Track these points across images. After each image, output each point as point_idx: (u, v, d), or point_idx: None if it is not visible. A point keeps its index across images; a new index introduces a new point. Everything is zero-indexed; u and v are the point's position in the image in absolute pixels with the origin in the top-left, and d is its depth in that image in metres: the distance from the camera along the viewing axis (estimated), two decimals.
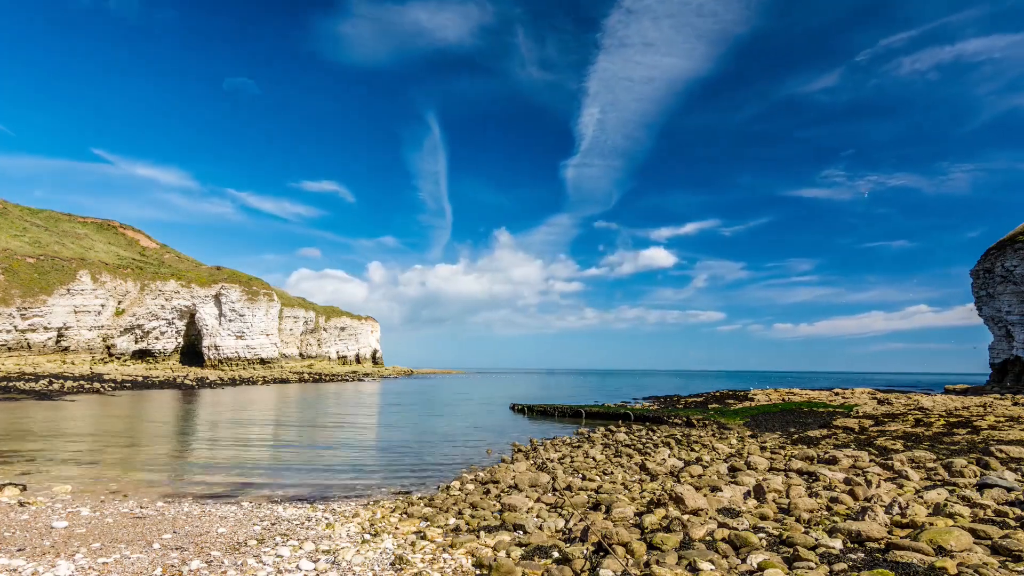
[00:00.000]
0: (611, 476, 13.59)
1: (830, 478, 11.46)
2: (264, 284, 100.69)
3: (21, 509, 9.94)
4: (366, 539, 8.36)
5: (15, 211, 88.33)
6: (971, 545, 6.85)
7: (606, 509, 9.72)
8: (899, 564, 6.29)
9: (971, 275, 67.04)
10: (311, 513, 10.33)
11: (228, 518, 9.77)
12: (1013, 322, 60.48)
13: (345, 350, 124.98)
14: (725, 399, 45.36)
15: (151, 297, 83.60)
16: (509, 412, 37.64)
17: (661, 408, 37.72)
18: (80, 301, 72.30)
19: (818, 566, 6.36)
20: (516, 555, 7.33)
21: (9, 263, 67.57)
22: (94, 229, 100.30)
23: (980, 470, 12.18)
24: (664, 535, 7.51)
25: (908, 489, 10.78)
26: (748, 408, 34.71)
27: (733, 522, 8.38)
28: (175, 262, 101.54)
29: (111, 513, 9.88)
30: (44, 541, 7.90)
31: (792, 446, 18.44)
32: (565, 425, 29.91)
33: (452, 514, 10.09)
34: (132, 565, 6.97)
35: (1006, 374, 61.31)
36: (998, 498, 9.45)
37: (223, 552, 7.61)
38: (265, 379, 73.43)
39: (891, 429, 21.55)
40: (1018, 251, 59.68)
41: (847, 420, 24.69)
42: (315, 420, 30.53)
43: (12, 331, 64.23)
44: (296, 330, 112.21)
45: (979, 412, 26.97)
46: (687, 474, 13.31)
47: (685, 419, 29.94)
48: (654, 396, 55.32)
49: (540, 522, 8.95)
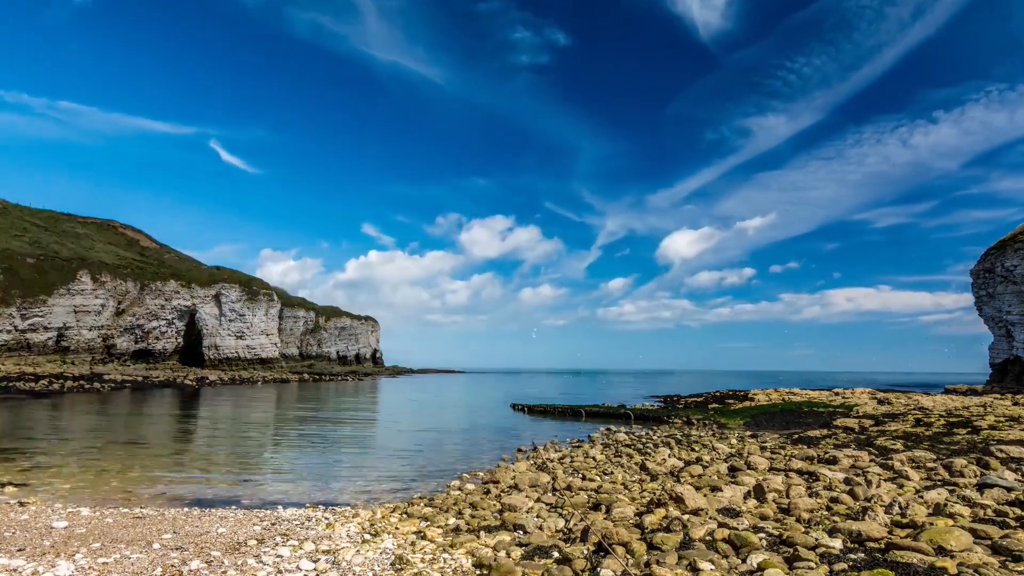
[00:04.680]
0: (611, 476, 13.58)
1: (830, 478, 11.46)
2: (264, 284, 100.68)
3: (21, 509, 9.93)
4: (366, 539, 8.36)
5: (15, 211, 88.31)
6: (971, 545, 6.84)
7: (606, 509, 9.71)
8: (899, 564, 6.28)
9: (971, 275, 67.03)
10: (311, 513, 10.33)
11: (228, 518, 9.76)
12: (1013, 322, 60.49)
13: (345, 350, 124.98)
14: (725, 399, 45.36)
15: (151, 297, 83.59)
16: (509, 411, 37.66)
17: (661, 408, 37.74)
18: (80, 301, 72.29)
19: (818, 566, 6.36)
20: (516, 555, 7.32)
21: (9, 263, 67.55)
22: (94, 229, 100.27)
23: (980, 470, 12.18)
24: (664, 535, 7.51)
25: (908, 489, 10.77)
26: (748, 408, 34.69)
27: (733, 522, 8.38)
28: (175, 262, 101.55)
29: (111, 513, 9.88)
30: (44, 541, 7.90)
31: (792, 446, 18.44)
32: (565, 424, 29.92)
33: (452, 514, 10.08)
34: (132, 565, 6.96)
35: (1006, 374, 61.29)
36: (998, 498, 9.44)
37: (223, 552, 7.61)
38: (265, 379, 73.40)
39: (891, 429, 21.55)
40: (1018, 251, 59.68)
41: (847, 420, 24.68)
42: (315, 420, 30.53)
43: (12, 331, 64.21)
44: (296, 330, 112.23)
45: (979, 412, 26.96)
46: (687, 474, 13.30)
47: (685, 419, 29.94)
48: (655, 396, 55.36)
49: (540, 522, 8.94)
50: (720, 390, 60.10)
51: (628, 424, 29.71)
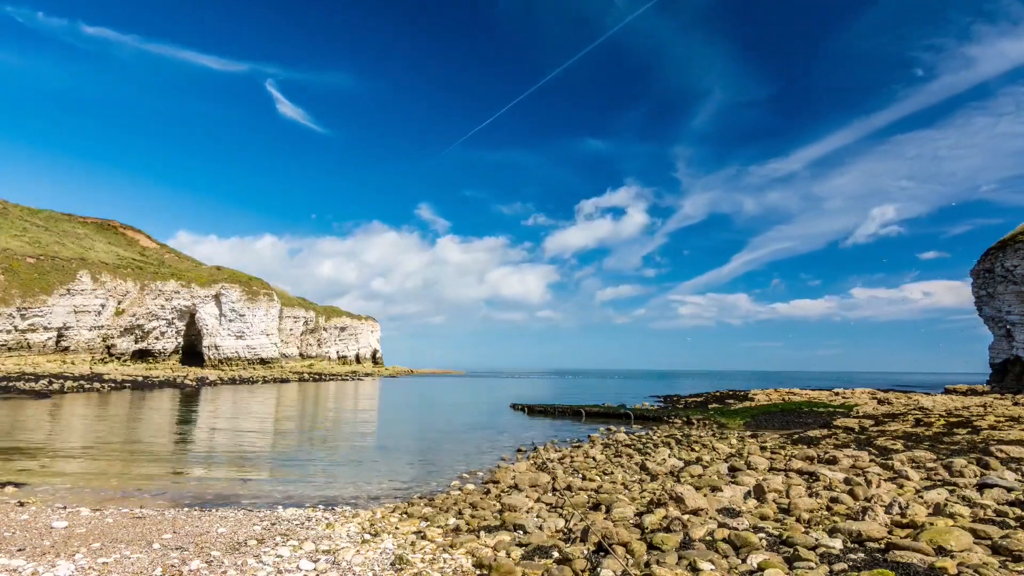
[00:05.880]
0: (611, 476, 13.58)
1: (830, 478, 11.45)
2: (264, 284, 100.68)
3: (21, 509, 9.93)
4: (366, 539, 8.36)
5: (15, 211, 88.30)
6: (971, 545, 6.84)
7: (606, 509, 9.71)
8: (899, 564, 6.28)
9: (971, 275, 67.02)
10: (311, 513, 10.33)
11: (228, 518, 9.76)
12: (1013, 322, 60.48)
13: (345, 350, 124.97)
14: (725, 399, 45.37)
15: (151, 297, 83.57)
16: (509, 411, 37.65)
17: (661, 408, 37.75)
18: (80, 301, 72.27)
19: (818, 566, 6.35)
20: (516, 555, 7.32)
21: (9, 263, 67.56)
22: (94, 229, 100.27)
23: (980, 470, 12.17)
24: (664, 535, 7.51)
25: (908, 489, 10.77)
26: (748, 408, 34.69)
27: (733, 522, 8.37)
28: (175, 262, 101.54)
29: (111, 513, 9.87)
30: (44, 541, 7.90)
31: (792, 446, 18.43)
32: (565, 424, 29.91)
33: (452, 514, 10.08)
34: (132, 565, 6.96)
35: (1006, 374, 61.28)
36: (998, 498, 9.44)
37: (223, 552, 7.61)
38: (265, 379, 73.39)
39: (891, 429, 21.54)
40: (1018, 251, 59.66)
41: (847, 420, 24.69)
42: (315, 420, 30.53)
43: (12, 331, 64.21)
44: (296, 330, 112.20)
45: (979, 412, 26.96)
46: (687, 474, 13.30)
47: (685, 419, 29.94)
48: (655, 395, 55.35)
49: (540, 522, 8.93)
50: (720, 390, 60.12)
51: (628, 424, 29.71)
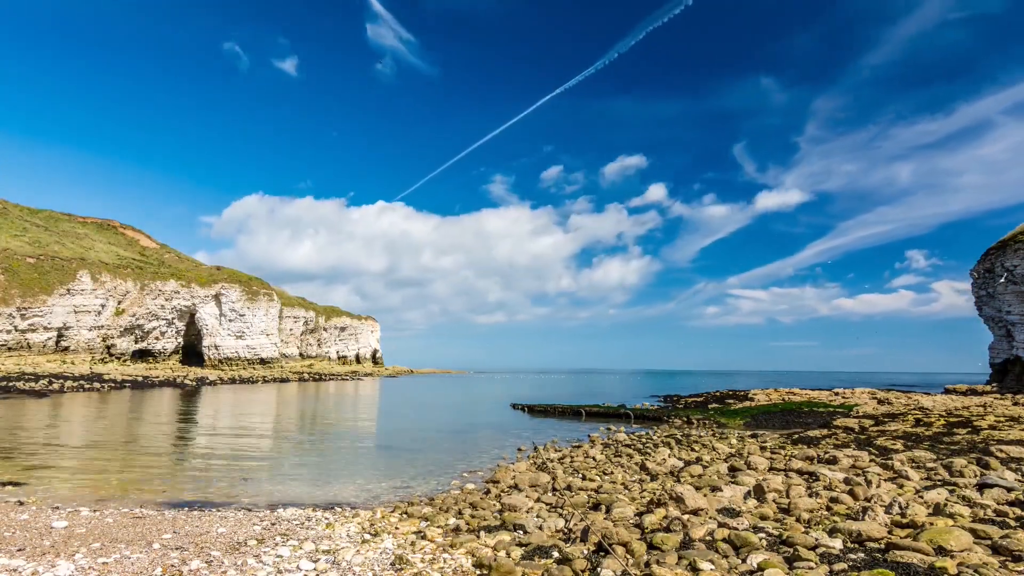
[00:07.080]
0: (611, 476, 13.58)
1: (830, 478, 11.45)
2: (264, 284, 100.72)
3: (21, 509, 9.93)
4: (366, 539, 8.36)
5: (15, 211, 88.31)
6: (971, 545, 6.84)
7: (606, 509, 9.71)
8: (899, 564, 6.28)
9: (971, 275, 66.99)
10: (311, 513, 10.33)
11: (228, 518, 9.76)
12: (1013, 322, 60.44)
13: (345, 350, 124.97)
14: (725, 399, 45.36)
15: (151, 297, 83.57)
16: (509, 411, 37.65)
17: (661, 408, 37.75)
18: (80, 301, 72.27)
19: (818, 566, 6.35)
20: (516, 555, 7.32)
21: (9, 263, 67.56)
22: (94, 229, 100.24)
23: (980, 470, 12.17)
24: (664, 535, 7.51)
25: (908, 489, 10.77)
26: (748, 408, 34.69)
27: (733, 522, 8.37)
28: (175, 262, 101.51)
29: (111, 513, 9.88)
30: (44, 541, 7.90)
31: (792, 446, 18.43)
32: (565, 424, 29.91)
33: (452, 514, 10.08)
34: (132, 565, 6.96)
35: (1006, 374, 61.25)
36: (998, 498, 9.44)
37: (223, 552, 7.61)
38: (265, 379, 73.39)
39: (891, 429, 21.54)
40: (1018, 251, 59.63)
41: (847, 420, 24.68)
42: (315, 419, 30.53)
43: (12, 331, 64.20)
44: (296, 330, 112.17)
45: (979, 412, 26.96)
46: (687, 474, 13.30)
47: (685, 419, 29.94)
48: (655, 395, 55.34)
49: (540, 522, 8.93)
50: (719, 390, 60.10)
51: (628, 424, 29.71)
